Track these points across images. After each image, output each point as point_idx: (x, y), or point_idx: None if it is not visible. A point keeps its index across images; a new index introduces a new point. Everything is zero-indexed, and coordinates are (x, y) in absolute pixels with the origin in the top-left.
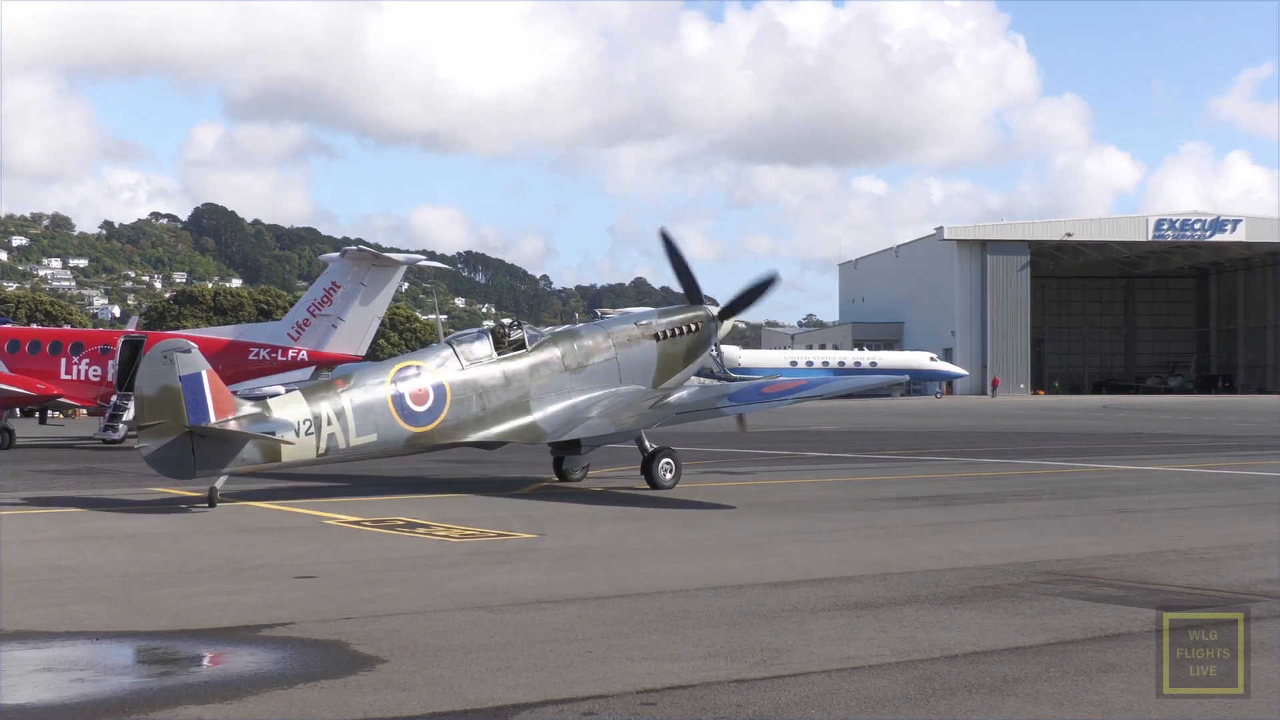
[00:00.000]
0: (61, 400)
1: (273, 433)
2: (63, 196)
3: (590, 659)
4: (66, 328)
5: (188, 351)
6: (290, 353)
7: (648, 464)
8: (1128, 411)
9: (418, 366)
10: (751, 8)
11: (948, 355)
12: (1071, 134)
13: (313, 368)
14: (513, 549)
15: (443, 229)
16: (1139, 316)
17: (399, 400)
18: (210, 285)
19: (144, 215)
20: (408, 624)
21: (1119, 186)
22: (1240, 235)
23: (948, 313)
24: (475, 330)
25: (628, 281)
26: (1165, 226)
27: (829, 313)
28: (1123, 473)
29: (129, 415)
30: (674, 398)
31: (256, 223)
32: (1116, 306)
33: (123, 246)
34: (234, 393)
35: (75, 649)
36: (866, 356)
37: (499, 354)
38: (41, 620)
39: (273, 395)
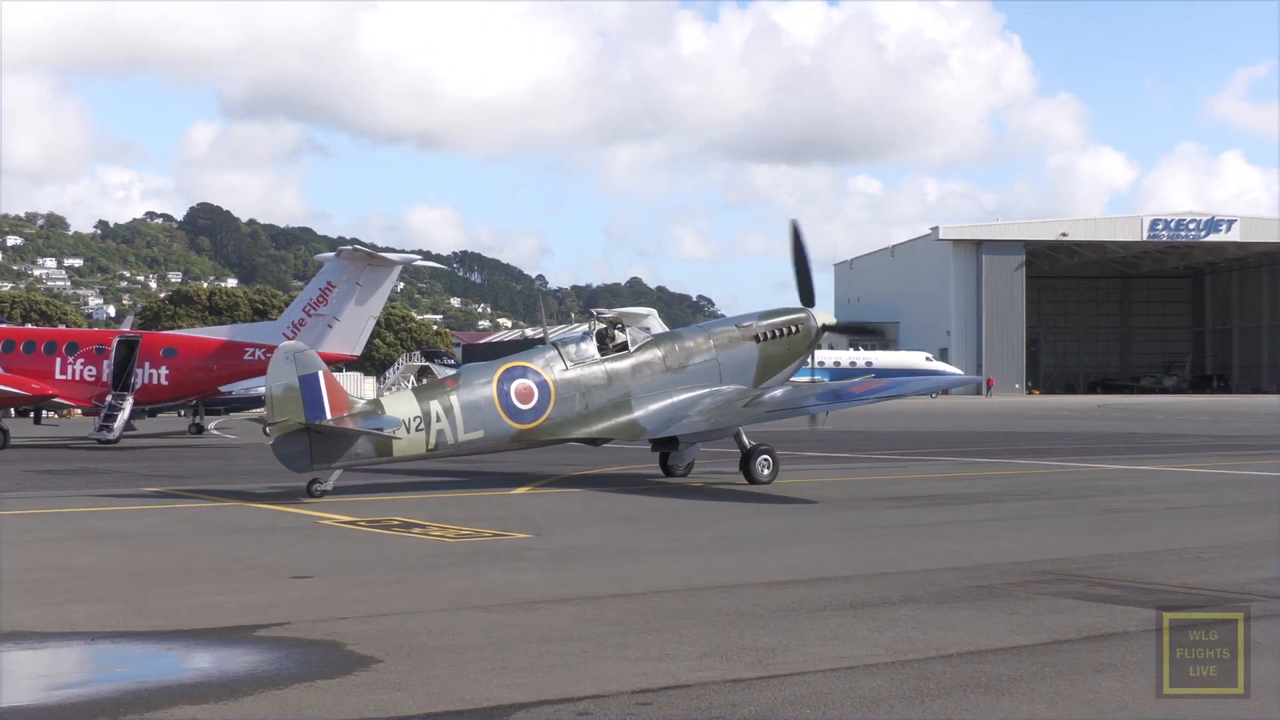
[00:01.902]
0: (56, 400)
1: (383, 429)
2: (57, 196)
3: (586, 659)
4: (61, 328)
5: (305, 353)
6: None
7: (746, 460)
8: (1124, 411)
9: (524, 366)
10: (746, 7)
11: (943, 355)
12: (1067, 133)
13: None
14: (509, 549)
15: (438, 228)
16: (1134, 316)
17: (505, 398)
18: (205, 285)
19: (139, 215)
20: (403, 624)
21: (1114, 186)
22: (1235, 235)
23: (943, 313)
24: (580, 333)
25: (623, 281)
26: (1160, 226)
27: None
28: (1118, 473)
29: (123, 415)
30: (766, 397)
31: (252, 222)
32: (1112, 306)
33: (118, 246)
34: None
35: (71, 649)
36: (862, 356)
37: (603, 355)
38: (37, 621)
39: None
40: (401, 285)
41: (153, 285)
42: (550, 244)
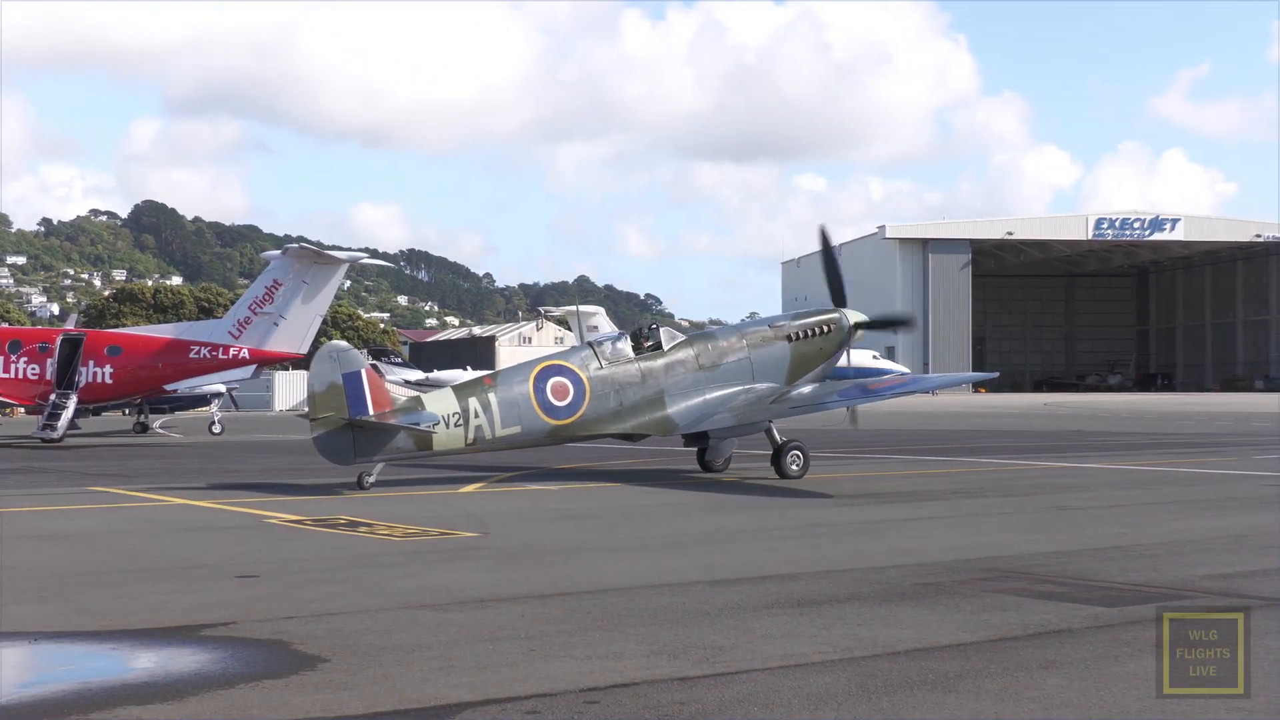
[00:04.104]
0: None
1: (422, 424)
2: None
3: (533, 657)
4: (4, 326)
5: (348, 352)
6: (231, 351)
7: (777, 456)
8: (1070, 410)
9: (560, 365)
10: (692, 5)
11: (890, 354)
12: (1011, 132)
13: (254, 366)
14: (456, 548)
15: (384, 226)
16: (1079, 315)
17: (541, 395)
18: (150, 283)
19: (81, 212)
20: (350, 623)
21: (1058, 184)
22: (1179, 234)
23: (889, 311)
24: (616, 333)
25: (570, 279)
26: (1105, 225)
27: (771, 311)
28: (1063, 470)
29: (67, 414)
30: (793, 394)
31: (197, 220)
32: (1057, 305)
33: (61, 244)
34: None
35: (13, 650)
36: None
37: (637, 354)
38: None
39: (216, 394)
40: (348, 283)
41: (97, 283)
42: (497, 242)
